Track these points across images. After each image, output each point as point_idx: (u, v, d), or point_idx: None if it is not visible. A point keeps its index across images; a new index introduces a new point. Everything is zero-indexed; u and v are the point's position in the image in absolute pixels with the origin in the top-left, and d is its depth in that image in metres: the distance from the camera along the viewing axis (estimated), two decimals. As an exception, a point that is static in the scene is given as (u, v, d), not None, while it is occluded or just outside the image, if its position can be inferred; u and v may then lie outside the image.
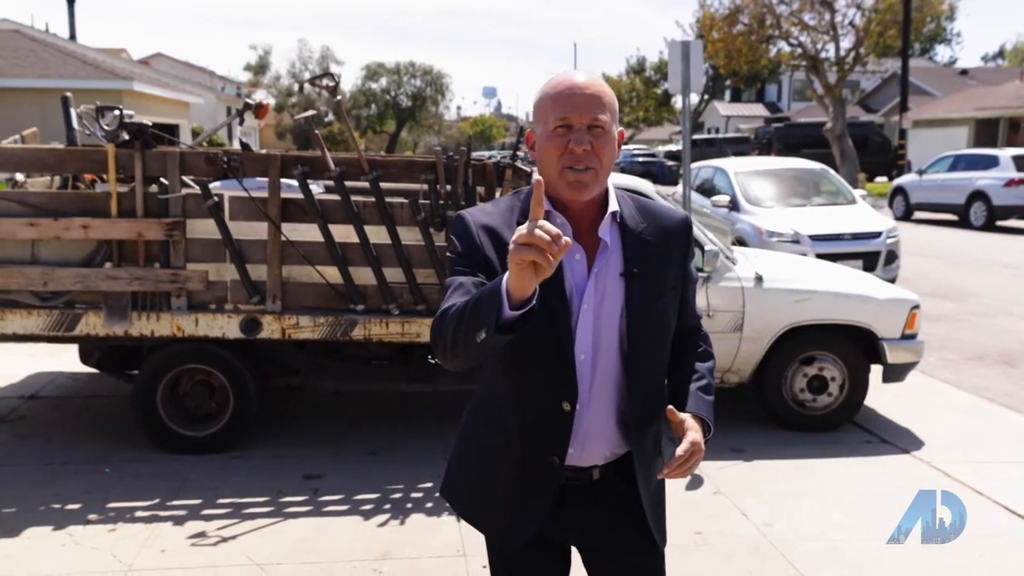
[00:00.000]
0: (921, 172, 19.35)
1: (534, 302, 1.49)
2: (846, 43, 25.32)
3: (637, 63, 47.47)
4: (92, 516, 3.91)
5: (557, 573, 1.99)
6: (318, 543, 3.70)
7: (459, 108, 79.40)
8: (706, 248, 5.02)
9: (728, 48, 26.45)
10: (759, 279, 5.13)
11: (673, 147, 40.05)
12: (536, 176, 1.62)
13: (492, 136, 60.49)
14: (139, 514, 3.94)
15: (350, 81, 47.84)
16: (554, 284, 1.69)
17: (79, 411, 5.47)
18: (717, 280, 5.08)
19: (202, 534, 3.76)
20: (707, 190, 11.37)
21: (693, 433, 1.74)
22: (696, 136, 38.17)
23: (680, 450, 1.72)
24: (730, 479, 4.49)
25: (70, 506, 4.01)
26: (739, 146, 31.37)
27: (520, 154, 5.16)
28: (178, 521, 3.88)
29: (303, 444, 4.90)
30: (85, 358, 5.25)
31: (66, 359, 6.41)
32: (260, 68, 46.07)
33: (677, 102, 39.56)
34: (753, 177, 10.67)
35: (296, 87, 43.24)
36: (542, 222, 1.43)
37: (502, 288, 1.48)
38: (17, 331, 4.54)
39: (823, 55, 25.59)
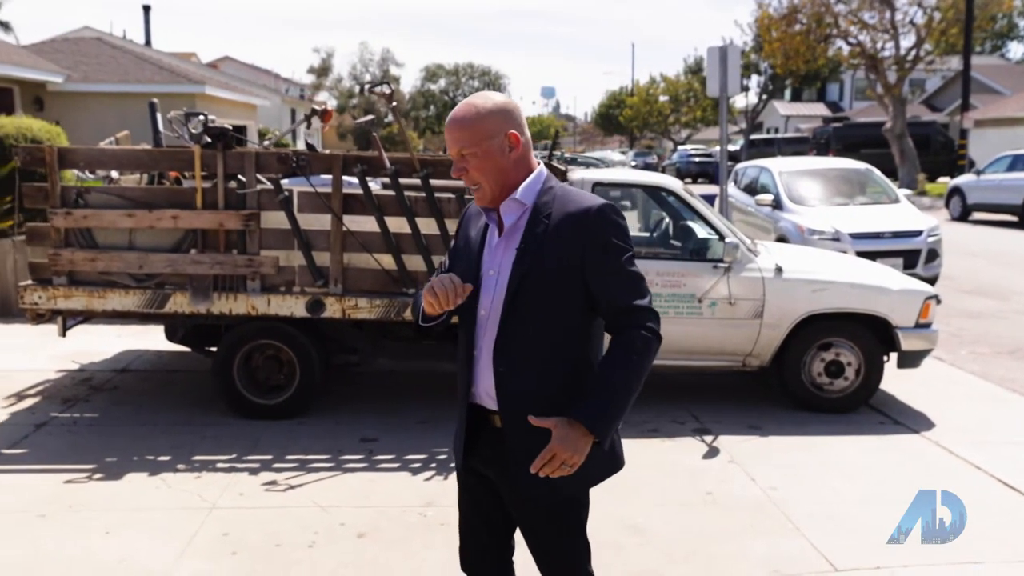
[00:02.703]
0: (979, 172, 19.17)
1: (442, 318, 2.16)
2: (907, 42, 25.11)
3: (695, 63, 47.39)
4: (180, 466, 4.54)
5: (488, 500, 2.33)
6: (372, 492, 4.26)
7: (517, 108, 79.76)
8: (726, 240, 5.44)
9: (786, 48, 26.40)
10: (779, 270, 5.52)
11: (731, 147, 39.91)
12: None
13: (549, 136, 60.88)
14: (219, 466, 4.55)
15: (409, 83, 48.87)
16: (477, 248, 2.21)
17: (165, 382, 6.16)
18: (738, 271, 5.49)
19: (273, 482, 4.35)
20: (753, 189, 11.64)
21: (552, 443, 2.01)
22: (754, 136, 38.04)
23: (538, 458, 2.01)
24: (745, 451, 4.91)
25: (161, 458, 4.65)
26: (797, 146, 31.16)
27: (556, 153, 5.64)
28: (253, 472, 4.48)
29: (360, 413, 5.48)
30: (171, 335, 5.92)
31: (149, 339, 7.14)
32: (323, 70, 47.37)
33: (736, 102, 39.39)
34: (797, 176, 10.92)
35: (357, 89, 44.35)
36: (445, 277, 2.04)
37: (421, 304, 2.14)
38: (116, 308, 5.21)
39: (883, 54, 25.38)
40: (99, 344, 7.03)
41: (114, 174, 5.80)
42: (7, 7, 41.52)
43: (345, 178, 5.14)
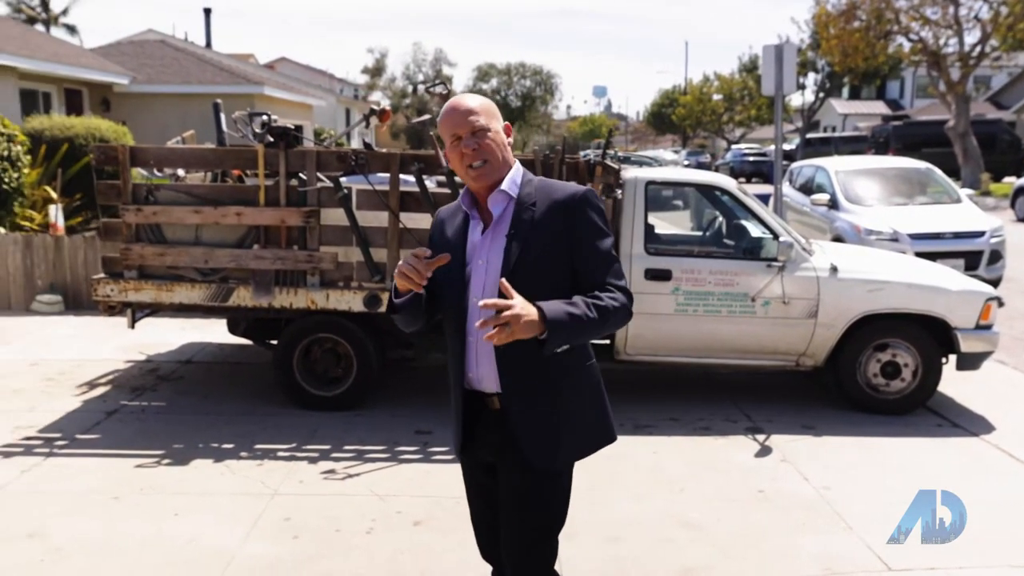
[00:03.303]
0: (1046, 172, 18.58)
1: (410, 295, 2.25)
2: (971, 38, 24.44)
3: (749, 60, 46.76)
4: (243, 453, 4.71)
5: (494, 486, 2.43)
6: (427, 481, 4.37)
7: (568, 107, 79.97)
8: (780, 239, 5.42)
9: (844, 45, 25.89)
10: (834, 269, 5.48)
11: (786, 146, 39.31)
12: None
13: (602, 135, 60.53)
14: (280, 454, 4.71)
15: (462, 82, 49.11)
16: (459, 246, 2.30)
17: (227, 374, 6.37)
18: (792, 270, 5.46)
19: (332, 471, 4.49)
20: (809, 189, 11.50)
21: (515, 303, 2.03)
22: (811, 135, 37.40)
23: (493, 300, 2.04)
24: (798, 450, 4.90)
25: (225, 445, 4.82)
26: (855, 145, 30.55)
27: (609, 152, 5.68)
28: (312, 460, 4.63)
29: (415, 406, 5.60)
30: (233, 328, 6.12)
31: (212, 332, 7.37)
32: (377, 71, 47.90)
33: (791, 100, 38.77)
34: (854, 176, 10.75)
35: (410, 89, 44.80)
36: (409, 255, 2.15)
37: (392, 287, 2.29)
38: (183, 301, 5.41)
39: (946, 51, 24.75)
40: (164, 336, 7.29)
41: (180, 172, 6.02)
42: (73, 11, 42.87)
43: (402, 176, 5.26)
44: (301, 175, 5.33)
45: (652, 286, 5.46)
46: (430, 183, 5.40)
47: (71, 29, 40.14)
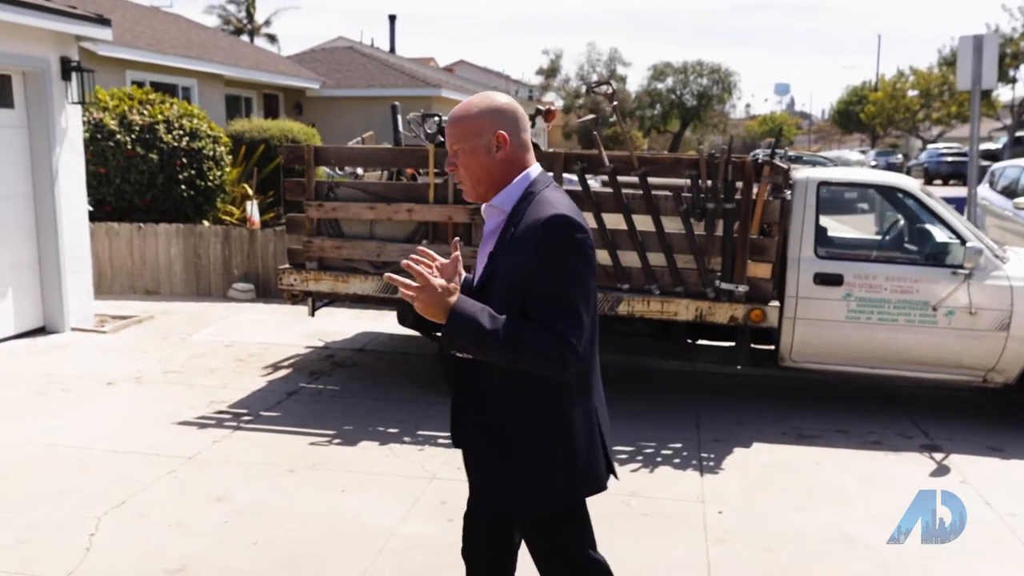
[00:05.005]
0: None
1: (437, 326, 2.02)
2: None
3: (951, 53, 43.30)
4: (406, 438, 4.95)
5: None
6: (578, 477, 4.41)
7: (748, 106, 77.41)
8: (968, 244, 5.03)
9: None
10: (1031, 278, 5.02)
11: (992, 145, 36.11)
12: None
13: (783, 134, 57.99)
14: (440, 441, 4.90)
15: (636, 82, 48.74)
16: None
17: (396, 362, 6.70)
18: (981, 278, 5.05)
19: (487, 460, 4.62)
20: (1013, 192, 10.57)
21: (437, 282, 1.97)
22: (1021, 133, 34.14)
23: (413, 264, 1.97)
24: (981, 473, 4.53)
25: (391, 429, 5.09)
26: (1074, 144, 27.64)
27: (779, 152, 5.48)
28: (469, 449, 4.78)
29: (571, 403, 5.65)
30: (402, 320, 6.43)
31: (384, 323, 7.78)
32: (551, 71, 48.38)
33: (1000, 95, 35.54)
34: (1065, 177, 9.77)
35: (583, 90, 44.97)
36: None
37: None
38: (357, 292, 5.75)
39: None
40: (341, 325, 7.77)
41: (359, 171, 6.40)
42: (274, 22, 46.36)
43: (565, 175, 5.33)
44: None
45: (821, 291, 5.23)
46: (594, 182, 5.44)
47: (272, 38, 43.50)
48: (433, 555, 3.59)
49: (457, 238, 2.30)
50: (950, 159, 34.10)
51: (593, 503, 2.26)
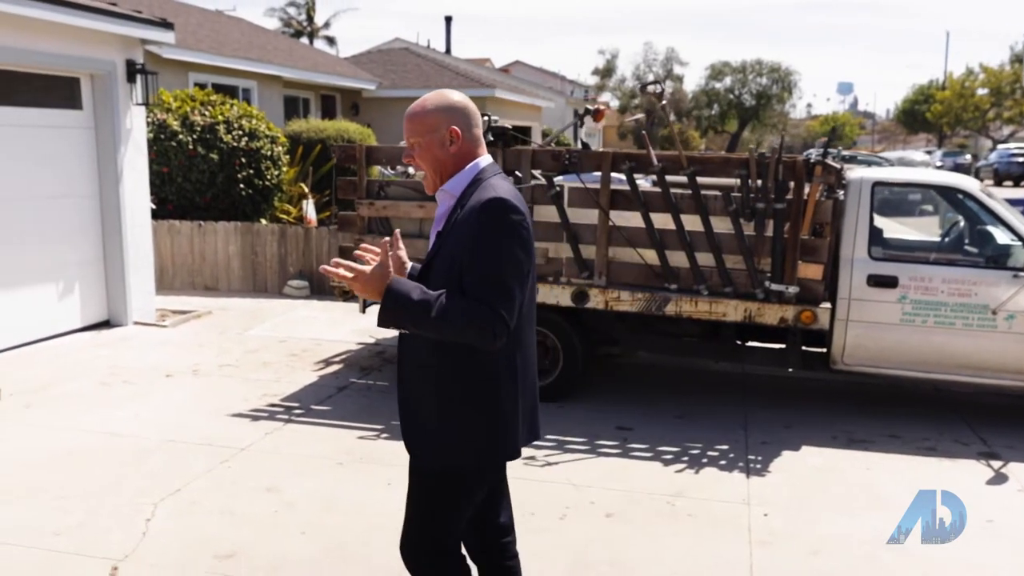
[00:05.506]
0: None
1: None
2: None
3: (1023, 50, 41.92)
4: (452, 434, 5.00)
5: None
6: (623, 475, 4.41)
7: (809, 106, 75.90)
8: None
9: None
10: (1097, 282, 4.85)
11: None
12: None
13: (845, 135, 56.63)
14: (486, 438, 4.94)
15: (693, 82, 48.17)
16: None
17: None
18: (1044, 280, 4.90)
19: (532, 458, 4.65)
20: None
21: (366, 268, 2.16)
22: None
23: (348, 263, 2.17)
24: (1040, 482, 4.40)
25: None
26: None
27: (831, 151, 5.39)
28: (514, 446, 4.82)
29: (618, 403, 5.65)
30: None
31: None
32: (607, 72, 48.11)
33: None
34: None
35: (638, 89, 44.64)
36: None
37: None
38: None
39: None
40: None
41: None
42: (333, 24, 47.05)
43: (614, 175, 5.32)
44: (517, 173, 5.55)
45: (875, 293, 5.13)
46: (643, 182, 5.43)
47: (330, 41, 44.14)
48: (475, 549, 3.63)
49: (397, 230, 2.51)
50: (1022, 159, 32.87)
51: (637, 502, 2.28)
